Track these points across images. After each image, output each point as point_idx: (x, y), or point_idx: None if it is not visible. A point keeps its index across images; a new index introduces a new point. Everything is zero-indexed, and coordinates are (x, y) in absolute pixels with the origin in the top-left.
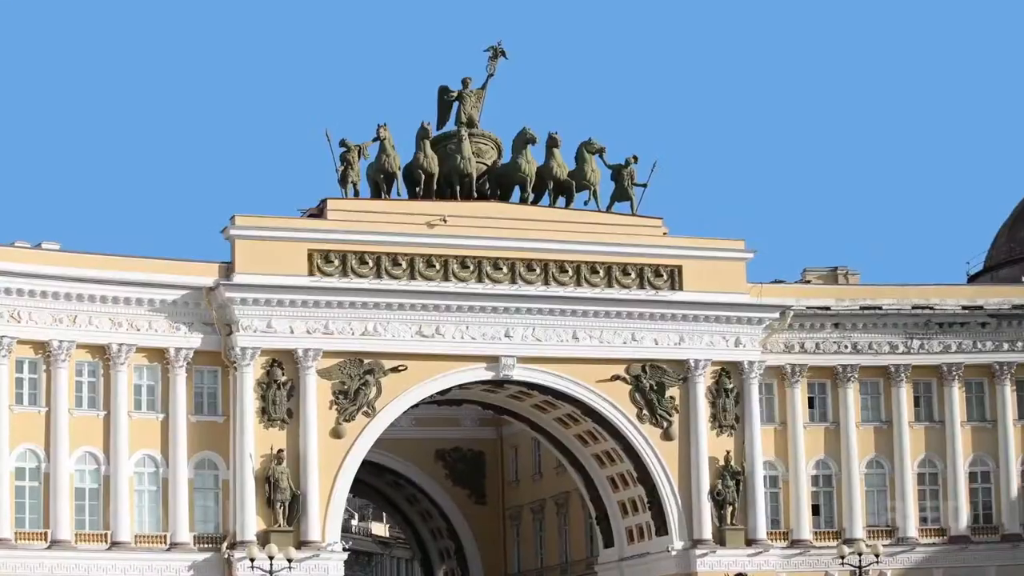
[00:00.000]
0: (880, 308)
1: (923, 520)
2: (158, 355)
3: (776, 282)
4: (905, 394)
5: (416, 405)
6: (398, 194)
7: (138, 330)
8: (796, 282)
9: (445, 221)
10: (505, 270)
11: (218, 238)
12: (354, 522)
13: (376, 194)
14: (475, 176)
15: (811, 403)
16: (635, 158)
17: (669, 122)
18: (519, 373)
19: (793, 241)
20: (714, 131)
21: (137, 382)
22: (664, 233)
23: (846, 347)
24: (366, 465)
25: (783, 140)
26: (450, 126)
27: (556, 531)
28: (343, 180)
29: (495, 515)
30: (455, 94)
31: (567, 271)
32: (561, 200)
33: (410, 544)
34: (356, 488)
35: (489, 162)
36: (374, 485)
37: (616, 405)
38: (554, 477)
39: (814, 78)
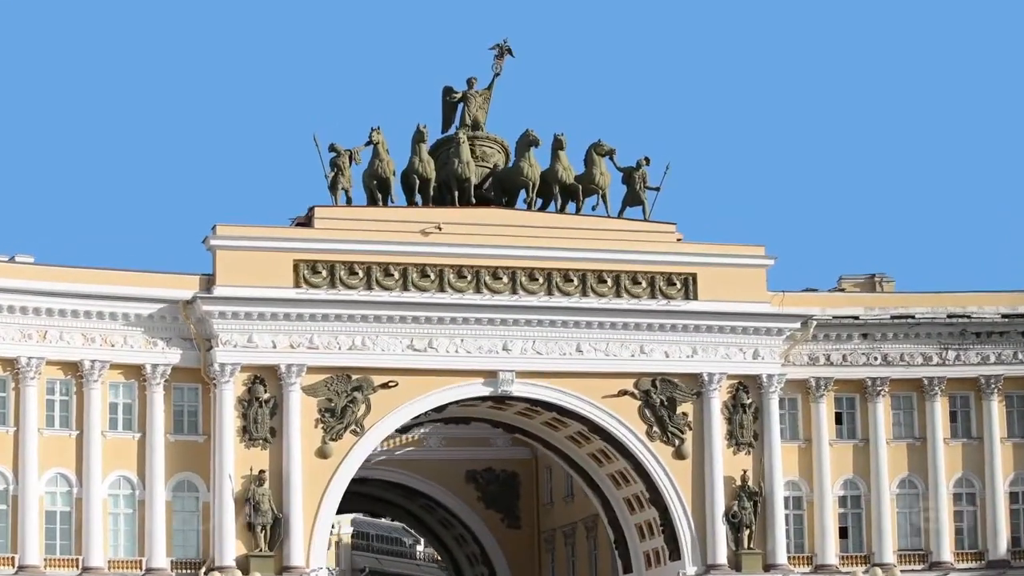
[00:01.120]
0: (913, 317)
1: (959, 543)
2: (134, 372)
3: (807, 290)
4: (940, 409)
5: (420, 423)
6: (392, 202)
7: (112, 346)
8: (831, 290)
9: (440, 229)
10: (505, 280)
11: (203, 250)
12: (419, 547)
13: (372, 202)
14: (474, 181)
15: (838, 419)
16: (647, 160)
17: (684, 121)
18: (519, 389)
19: (829, 249)
20: (734, 131)
21: (112, 400)
22: (678, 239)
23: (876, 359)
24: (396, 487)
25: (813, 140)
26: (456, 129)
27: (586, 556)
28: (333, 187)
29: (529, 540)
30: (459, 95)
31: (572, 280)
32: (571, 206)
33: (448, 569)
34: (391, 511)
35: (494, 166)
36: (408, 508)
37: (624, 422)
38: (584, 499)
39: (845, 71)
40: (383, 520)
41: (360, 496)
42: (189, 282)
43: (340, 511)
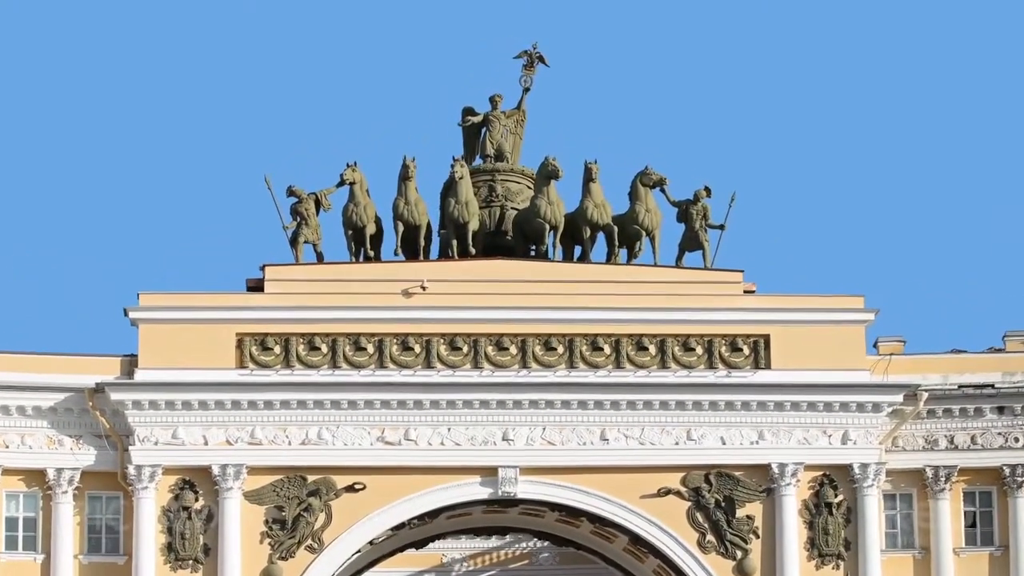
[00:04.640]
0: None
1: None
2: (35, 478)
3: (954, 352)
4: None
5: (423, 542)
6: (370, 255)
7: (7, 447)
8: (988, 350)
9: (424, 288)
10: (513, 351)
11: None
12: None
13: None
14: (474, 226)
15: (969, 520)
16: (708, 191)
17: (753, 141)
18: (525, 489)
19: (993, 301)
20: (821, 149)
21: (9, 514)
22: (746, 292)
23: (1017, 440)
24: None
25: (936, 159)
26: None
27: None
28: (294, 241)
29: None
30: (479, 117)
31: (602, 349)
32: (623, 254)
33: None
34: None
35: (521, 206)
36: None
37: (668, 530)
38: None
39: (964, 76)
40: None
41: None
42: (107, 365)
43: None
